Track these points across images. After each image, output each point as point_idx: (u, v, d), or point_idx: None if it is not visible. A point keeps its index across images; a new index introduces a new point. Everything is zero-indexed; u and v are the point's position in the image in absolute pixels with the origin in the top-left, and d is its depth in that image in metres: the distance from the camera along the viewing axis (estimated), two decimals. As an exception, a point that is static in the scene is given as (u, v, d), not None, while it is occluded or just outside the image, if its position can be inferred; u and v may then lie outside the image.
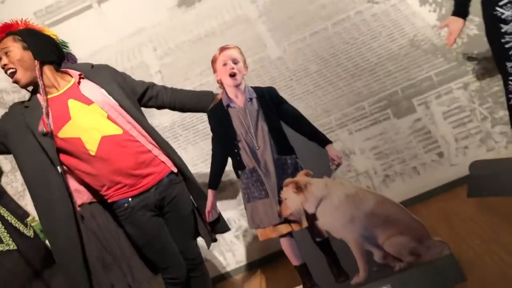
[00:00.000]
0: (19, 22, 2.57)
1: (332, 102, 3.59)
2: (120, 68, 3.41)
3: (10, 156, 3.60)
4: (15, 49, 2.44)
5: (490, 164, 3.33)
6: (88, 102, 2.45)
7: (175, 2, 3.55)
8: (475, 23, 3.26)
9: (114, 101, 2.49)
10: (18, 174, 3.65)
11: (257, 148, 2.53)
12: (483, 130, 3.56)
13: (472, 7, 2.99)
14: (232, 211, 3.66)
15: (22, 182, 3.66)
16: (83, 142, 2.42)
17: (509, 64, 2.81)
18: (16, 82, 2.48)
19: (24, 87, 2.51)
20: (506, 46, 2.78)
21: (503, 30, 2.76)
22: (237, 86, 2.53)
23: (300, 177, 2.50)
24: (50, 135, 2.40)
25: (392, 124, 3.60)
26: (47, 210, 2.46)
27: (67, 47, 2.70)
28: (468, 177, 3.37)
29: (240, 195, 3.55)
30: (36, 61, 2.43)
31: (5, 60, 2.44)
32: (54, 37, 2.61)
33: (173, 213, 2.63)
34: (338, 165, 2.60)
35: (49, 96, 2.46)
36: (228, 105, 2.56)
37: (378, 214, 2.50)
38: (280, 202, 2.51)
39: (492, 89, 3.49)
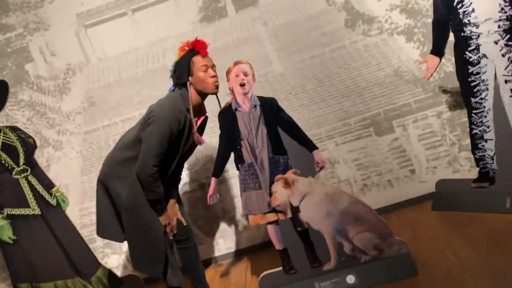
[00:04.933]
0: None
1: (323, 116, 3.86)
2: (142, 69, 3.75)
3: (39, 135, 3.93)
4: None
5: (454, 184, 3.60)
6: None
7: (198, 18, 3.83)
8: (451, 62, 3.52)
9: None
10: (45, 150, 3.97)
11: (256, 147, 2.87)
12: (451, 154, 3.85)
13: (450, 49, 3.34)
14: (228, 202, 3.93)
15: (47, 158, 3.98)
16: None
17: (473, 100, 3.15)
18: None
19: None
20: (472, 84, 3.11)
21: (470, 71, 3.09)
22: (245, 94, 2.88)
23: (289, 174, 2.82)
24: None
25: (373, 140, 3.87)
26: None
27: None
28: (434, 193, 3.65)
29: (236, 190, 3.84)
30: None
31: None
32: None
33: None
34: (322, 168, 2.93)
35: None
36: (236, 109, 2.90)
37: (351, 213, 2.81)
38: (270, 194, 2.83)
39: (461, 119, 3.78)
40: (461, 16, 3.03)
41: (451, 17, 3.10)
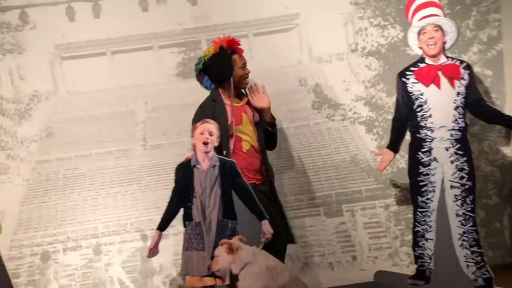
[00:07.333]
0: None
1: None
2: (109, 110, 3.75)
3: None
4: None
5: (391, 277, 3.66)
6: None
7: (175, 72, 3.87)
8: (405, 159, 3.60)
9: None
10: None
11: (207, 207, 2.82)
12: (392, 247, 3.90)
13: (405, 146, 3.47)
14: (167, 259, 3.77)
15: None
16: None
17: (419, 198, 3.25)
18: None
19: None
20: (420, 183, 3.22)
21: (420, 171, 3.21)
22: (206, 152, 2.89)
23: (235, 240, 2.77)
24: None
25: (321, 221, 3.89)
26: None
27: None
28: (371, 283, 3.69)
29: (177, 247, 3.71)
30: None
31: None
32: None
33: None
34: (268, 239, 2.91)
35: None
36: (194, 166, 2.88)
37: (289, 289, 2.78)
38: (212, 257, 2.77)
39: (407, 214, 3.86)
40: (419, 119, 3.19)
41: (410, 118, 3.27)
